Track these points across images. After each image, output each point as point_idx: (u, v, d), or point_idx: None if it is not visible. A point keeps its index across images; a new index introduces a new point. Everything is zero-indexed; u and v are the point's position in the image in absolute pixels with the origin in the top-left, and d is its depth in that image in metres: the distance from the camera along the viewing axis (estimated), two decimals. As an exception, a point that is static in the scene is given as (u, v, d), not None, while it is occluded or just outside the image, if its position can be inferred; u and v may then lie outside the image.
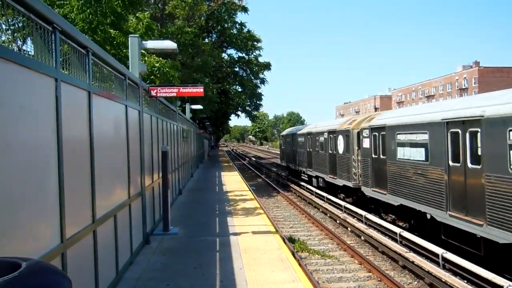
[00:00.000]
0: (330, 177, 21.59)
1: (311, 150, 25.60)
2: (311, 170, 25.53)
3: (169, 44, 11.43)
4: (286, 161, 36.25)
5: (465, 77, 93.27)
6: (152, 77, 14.13)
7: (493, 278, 8.24)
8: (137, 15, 14.85)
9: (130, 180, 8.34)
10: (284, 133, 39.66)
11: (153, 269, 8.22)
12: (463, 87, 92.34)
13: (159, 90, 11.39)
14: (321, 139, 23.32)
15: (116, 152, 7.56)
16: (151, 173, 11.26)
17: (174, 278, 7.65)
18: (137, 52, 10.64)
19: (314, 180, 24.91)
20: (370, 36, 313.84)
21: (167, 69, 14.37)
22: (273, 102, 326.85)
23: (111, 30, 12.13)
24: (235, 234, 11.12)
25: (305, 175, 27.68)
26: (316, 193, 22.22)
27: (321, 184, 23.45)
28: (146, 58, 13.52)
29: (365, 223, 14.72)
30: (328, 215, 17.68)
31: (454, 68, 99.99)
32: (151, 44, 11.34)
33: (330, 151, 21.55)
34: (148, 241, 10.11)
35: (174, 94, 11.74)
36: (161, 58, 14.64)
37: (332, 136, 21.43)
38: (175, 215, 13.68)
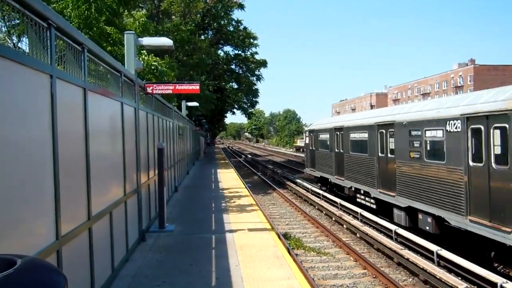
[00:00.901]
0: (474, 222, 9.68)
1: (393, 157, 13.82)
2: (388, 193, 14.05)
3: (165, 41, 11.40)
4: (320, 170, 22.75)
5: (460, 75, 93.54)
6: (150, 76, 14.11)
7: (487, 275, 8.31)
8: (132, 13, 14.82)
9: (125, 177, 8.33)
10: (314, 127, 24.72)
11: (149, 266, 8.22)
12: (459, 85, 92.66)
13: (155, 87, 11.36)
14: (433, 135, 11.50)
15: (111, 149, 7.55)
16: (147, 170, 11.24)
17: (170, 275, 7.65)
18: (133, 48, 10.60)
19: (398, 213, 13.39)
20: (366, 34, 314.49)
21: (164, 68, 14.37)
22: (269, 100, 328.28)
23: (107, 27, 12.09)
24: (231, 231, 11.14)
25: (368, 200, 16.24)
26: (312, 190, 22.24)
27: (427, 228, 11.67)
28: (144, 57, 13.48)
29: (361, 221, 14.77)
30: (324, 212, 17.73)
31: (450, 66, 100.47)
32: (146, 40, 11.30)
33: (474, 163, 9.83)
34: (144, 238, 10.11)
35: (170, 91, 11.71)
36: (158, 58, 14.63)
37: (486, 128, 9.52)
38: (171, 212, 13.70)
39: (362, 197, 16.81)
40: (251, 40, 42.08)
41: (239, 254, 8.90)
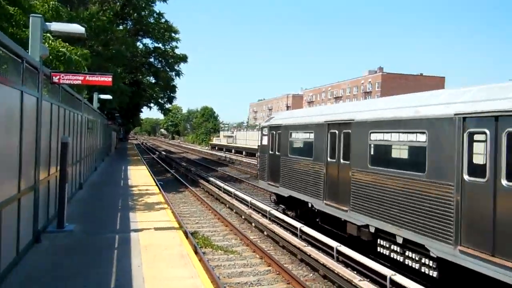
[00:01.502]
0: None
1: None
2: (505, 263, 6.50)
3: (76, 28, 10.80)
4: (288, 187, 15.11)
5: (369, 81, 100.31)
6: (57, 63, 13.18)
7: (377, 268, 9.06)
8: None
9: (21, 172, 7.76)
10: (280, 121, 16.54)
11: (42, 270, 7.65)
12: (368, 91, 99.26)
13: (63, 76, 10.75)
14: None
15: (4, 142, 6.96)
16: (48, 165, 10.58)
17: (65, 279, 7.21)
18: (39, 33, 9.94)
19: None
20: (286, 37, 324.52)
21: (75, 57, 13.51)
22: (187, 96, 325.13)
23: (10, 7, 11.17)
24: (137, 230, 10.86)
25: (416, 258, 8.86)
26: (224, 189, 22.41)
27: None
28: (50, 42, 12.56)
29: (269, 219, 15.21)
30: (234, 210, 17.97)
31: (361, 72, 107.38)
32: (55, 26, 10.61)
33: None
34: (39, 239, 9.41)
35: (79, 82, 11.12)
36: (67, 44, 13.71)
37: None
38: (73, 211, 12.95)
39: (397, 249, 9.46)
40: (172, 34, 41.27)
41: (143, 254, 8.71)
